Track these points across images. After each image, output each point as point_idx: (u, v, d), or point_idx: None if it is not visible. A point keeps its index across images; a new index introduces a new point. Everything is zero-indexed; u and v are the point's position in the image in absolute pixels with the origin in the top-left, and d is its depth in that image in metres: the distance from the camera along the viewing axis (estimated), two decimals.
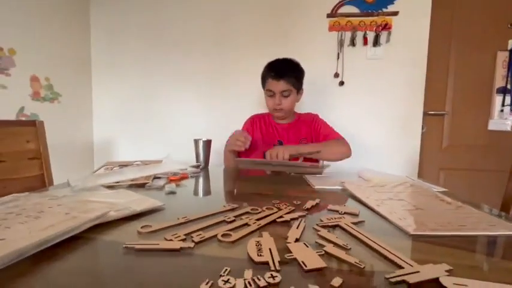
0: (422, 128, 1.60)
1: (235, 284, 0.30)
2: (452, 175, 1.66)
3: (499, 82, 1.56)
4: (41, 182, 1.10)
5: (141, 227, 0.46)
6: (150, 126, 1.79)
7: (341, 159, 1.09)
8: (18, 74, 1.34)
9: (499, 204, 1.52)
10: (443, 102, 1.62)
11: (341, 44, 1.53)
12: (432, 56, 1.54)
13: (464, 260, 0.41)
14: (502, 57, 1.56)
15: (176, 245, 0.40)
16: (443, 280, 0.32)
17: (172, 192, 0.71)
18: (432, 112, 1.61)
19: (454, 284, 0.31)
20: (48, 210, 0.50)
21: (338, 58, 1.55)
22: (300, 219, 0.52)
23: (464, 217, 0.55)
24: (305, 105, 1.57)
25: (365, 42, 1.52)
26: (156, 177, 0.84)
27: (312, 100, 1.58)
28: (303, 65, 1.53)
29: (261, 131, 1.26)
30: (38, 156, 1.10)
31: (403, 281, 0.32)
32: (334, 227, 0.50)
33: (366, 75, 1.55)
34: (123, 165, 1.00)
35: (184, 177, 0.90)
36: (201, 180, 0.92)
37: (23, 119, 1.37)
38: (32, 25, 1.41)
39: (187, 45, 1.70)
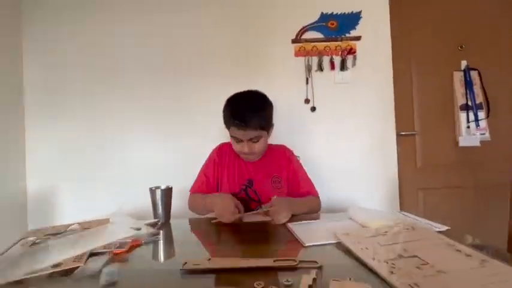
0: (397, 148, 1.57)
1: None
2: (431, 194, 1.63)
3: (460, 100, 1.61)
4: None
5: None
6: (97, 172, 1.51)
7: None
8: None
9: (480, 222, 1.51)
10: (412, 122, 1.63)
11: (309, 69, 1.48)
12: (396, 77, 1.55)
13: None
14: (458, 76, 1.63)
15: None
16: None
17: (112, 284, 0.50)
18: (403, 133, 1.59)
19: None
20: None
21: (307, 83, 1.49)
22: None
23: (497, 281, 0.43)
24: (277, 132, 1.46)
25: (332, 66, 1.49)
26: (92, 254, 0.62)
27: (284, 127, 1.48)
28: (273, 92, 1.42)
29: (229, 165, 1.08)
30: None
31: None
32: None
33: (336, 100, 1.50)
34: (51, 233, 0.75)
35: (136, 245, 0.68)
36: (160, 246, 0.71)
37: None
38: None
39: (138, 74, 1.51)
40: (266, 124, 0.99)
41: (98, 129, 1.51)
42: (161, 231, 0.80)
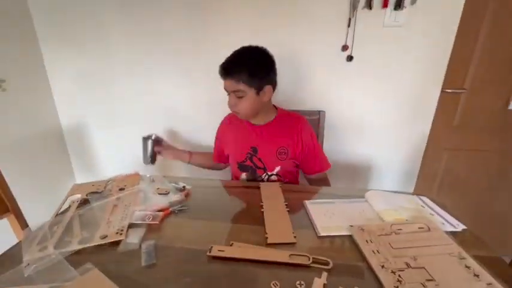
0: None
1: None
2: (457, 156, 1.58)
3: None
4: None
5: None
6: (122, 105, 1.55)
7: None
8: None
9: (501, 184, 1.50)
10: (463, 78, 1.41)
11: (354, 6, 1.21)
12: (461, 28, 1.25)
13: None
14: None
15: None
16: None
17: (151, 266, 0.59)
18: (449, 90, 1.41)
19: None
20: None
21: (349, 25, 1.24)
22: None
23: None
24: (305, 82, 1.35)
25: (385, 4, 1.20)
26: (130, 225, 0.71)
27: (314, 76, 1.35)
28: (306, 34, 1.24)
29: (234, 133, 1.07)
30: None
31: None
32: None
33: (379, 49, 1.27)
34: (93, 192, 0.84)
35: (166, 214, 0.77)
36: (186, 216, 0.78)
37: None
38: None
39: (160, 7, 1.33)
40: (252, 80, 0.90)
41: (118, 62, 1.46)
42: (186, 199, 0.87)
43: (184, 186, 0.88)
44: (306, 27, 1.27)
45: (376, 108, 1.39)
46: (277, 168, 1.03)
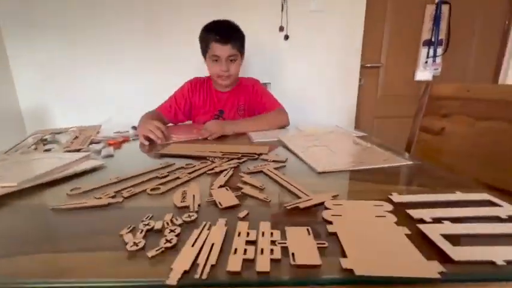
0: (360, 81, 1.74)
1: (154, 226, 0.35)
2: (385, 123, 1.88)
3: (426, 35, 1.71)
4: None
5: (71, 190, 0.47)
6: (84, 89, 1.62)
7: (279, 129, 1.07)
8: None
9: None
10: (378, 54, 1.75)
11: None
12: (370, 9, 1.59)
13: (353, 188, 0.51)
14: (430, 10, 1.69)
15: (104, 201, 0.43)
16: (327, 203, 0.40)
17: (109, 156, 0.71)
18: (369, 65, 1.73)
19: (333, 204, 0.40)
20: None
21: (282, 10, 1.52)
22: (228, 169, 0.57)
23: (366, 155, 0.67)
24: (251, 58, 1.57)
25: None
26: (93, 143, 0.82)
27: (258, 54, 1.58)
28: (248, 19, 1.48)
29: (201, 98, 1.20)
30: None
31: (297, 207, 0.40)
32: (259, 172, 0.57)
33: (309, 29, 1.56)
34: (55, 132, 0.93)
35: (125, 140, 0.89)
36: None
37: None
38: None
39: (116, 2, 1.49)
40: (242, 46, 1.10)
41: (79, 49, 1.55)
42: None
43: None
44: (247, 12, 1.52)
45: (312, 80, 1.65)
46: None
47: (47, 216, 0.40)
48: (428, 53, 1.71)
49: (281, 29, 1.55)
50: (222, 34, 1.03)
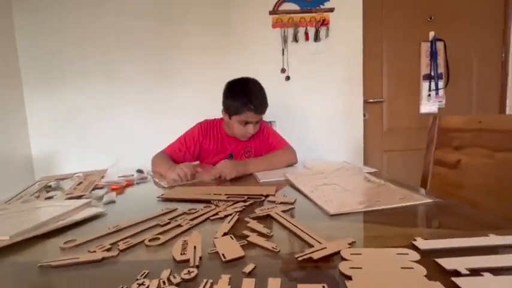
0: (365, 116, 1.74)
1: (149, 285, 0.31)
2: (394, 156, 1.84)
3: (424, 70, 1.76)
4: None
5: (64, 243, 0.44)
6: (94, 135, 1.66)
7: (288, 166, 1.07)
8: None
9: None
10: (380, 90, 1.78)
11: (285, 40, 1.59)
12: (367, 48, 1.67)
13: (371, 232, 0.46)
14: (425, 47, 1.76)
15: (98, 255, 0.39)
16: (343, 252, 0.36)
17: (111, 202, 0.68)
18: (371, 100, 1.75)
19: (351, 254, 0.36)
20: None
21: (283, 54, 1.61)
22: (233, 214, 0.54)
23: (380, 194, 0.62)
24: None
25: (306, 37, 1.60)
26: (97, 188, 0.81)
27: None
28: (252, 62, 1.56)
29: (212, 141, 1.20)
30: None
31: (310, 258, 0.35)
32: (266, 217, 0.53)
33: (310, 69, 1.63)
34: (60, 179, 0.93)
35: (129, 184, 0.87)
36: (148, 186, 0.89)
37: None
38: None
39: (125, 46, 1.61)
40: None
41: (91, 95, 1.63)
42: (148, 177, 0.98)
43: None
44: (251, 56, 1.61)
45: (317, 118, 1.67)
46: None
47: (34, 276, 0.36)
48: (430, 86, 1.74)
49: (283, 70, 1.62)
50: (258, 106, 1.07)
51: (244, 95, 1.07)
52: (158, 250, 0.41)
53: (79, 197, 0.73)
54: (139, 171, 1.01)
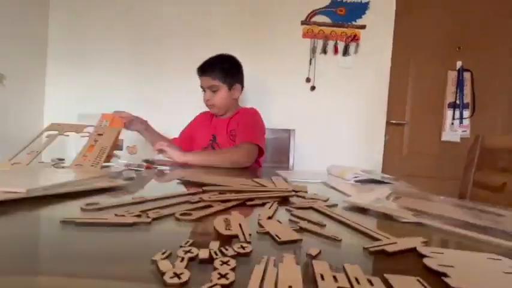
0: (386, 137, 1.70)
1: (198, 254, 0.26)
2: (412, 182, 1.76)
3: (450, 97, 1.73)
4: None
5: (86, 204, 0.39)
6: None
7: (232, 167, 0.97)
8: None
9: None
10: (403, 112, 1.75)
11: (313, 51, 1.59)
12: (394, 69, 1.66)
13: (437, 235, 0.41)
14: (452, 75, 1.74)
15: (128, 219, 0.34)
16: (421, 249, 0.30)
17: (131, 178, 0.63)
18: (394, 121, 1.71)
19: (431, 252, 0.30)
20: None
21: (310, 64, 1.60)
22: (271, 201, 0.48)
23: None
24: (275, 103, 1.58)
25: (336, 51, 1.59)
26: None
27: (283, 101, 1.60)
28: (277, 68, 1.54)
29: (202, 127, 1.25)
30: None
31: (383, 251, 0.30)
32: (308, 208, 0.47)
33: (336, 82, 1.61)
34: (72, 131, 0.86)
35: (148, 167, 0.82)
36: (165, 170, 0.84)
37: None
38: None
39: (149, 45, 1.62)
40: (224, 76, 1.12)
41: (106, 86, 1.63)
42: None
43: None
44: (277, 63, 1.60)
45: (337, 132, 1.63)
46: None
47: (57, 230, 0.31)
48: (454, 114, 1.70)
49: (308, 80, 1.60)
50: (201, 66, 1.13)
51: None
52: (193, 225, 0.36)
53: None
54: (147, 161, 0.97)
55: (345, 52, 1.58)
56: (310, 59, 1.59)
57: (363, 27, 1.60)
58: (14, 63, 1.44)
